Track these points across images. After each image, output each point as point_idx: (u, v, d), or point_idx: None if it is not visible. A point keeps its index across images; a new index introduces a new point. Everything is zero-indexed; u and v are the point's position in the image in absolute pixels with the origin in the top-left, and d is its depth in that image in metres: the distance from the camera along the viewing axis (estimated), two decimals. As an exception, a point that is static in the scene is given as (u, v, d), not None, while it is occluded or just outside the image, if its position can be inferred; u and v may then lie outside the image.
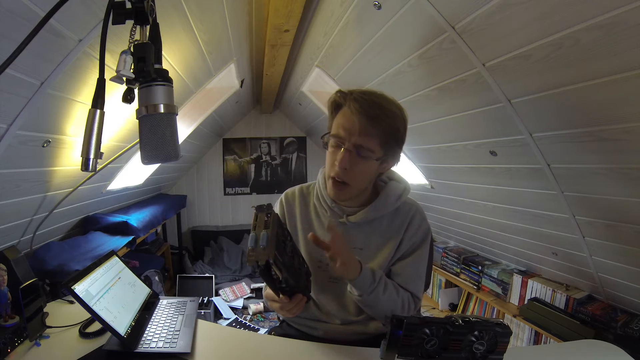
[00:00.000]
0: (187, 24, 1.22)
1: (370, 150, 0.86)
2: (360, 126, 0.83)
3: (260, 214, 0.74)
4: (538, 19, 0.83)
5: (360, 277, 0.84)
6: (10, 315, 0.94)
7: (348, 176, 0.87)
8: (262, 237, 0.69)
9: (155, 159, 0.64)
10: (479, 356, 0.76)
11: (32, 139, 1.06)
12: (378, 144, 0.86)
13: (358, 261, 0.85)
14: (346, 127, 0.86)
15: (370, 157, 0.87)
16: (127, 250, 2.02)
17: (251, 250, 0.70)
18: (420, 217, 0.99)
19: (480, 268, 2.33)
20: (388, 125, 0.85)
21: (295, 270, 0.80)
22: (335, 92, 0.91)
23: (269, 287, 0.80)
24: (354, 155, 0.86)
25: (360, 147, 0.85)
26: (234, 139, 4.00)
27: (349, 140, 0.85)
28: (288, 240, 0.82)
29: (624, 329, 1.49)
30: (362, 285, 0.86)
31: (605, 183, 1.13)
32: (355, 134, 0.84)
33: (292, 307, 0.84)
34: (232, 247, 3.66)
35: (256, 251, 0.69)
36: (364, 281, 0.86)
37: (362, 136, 0.84)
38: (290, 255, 0.79)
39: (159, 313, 1.06)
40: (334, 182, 0.90)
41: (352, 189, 0.91)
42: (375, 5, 1.14)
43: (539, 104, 1.06)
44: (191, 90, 1.84)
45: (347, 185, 0.89)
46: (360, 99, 0.84)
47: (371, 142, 0.85)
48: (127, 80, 0.61)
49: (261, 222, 0.73)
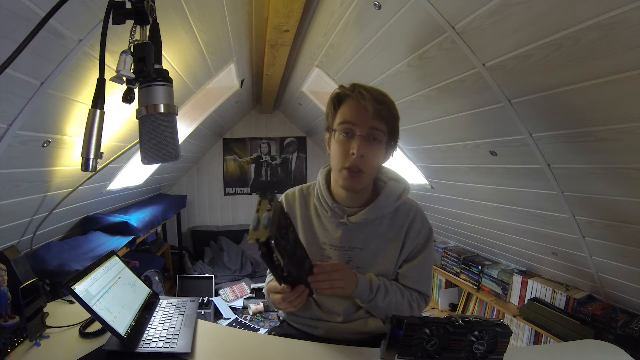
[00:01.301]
0: (187, 24, 1.22)
1: (383, 132, 0.90)
2: (374, 110, 0.86)
3: (263, 200, 0.74)
4: (538, 19, 0.82)
5: (357, 291, 0.89)
6: (10, 315, 0.94)
7: (364, 163, 0.89)
8: (264, 217, 0.69)
9: (155, 159, 0.64)
10: (479, 356, 0.76)
11: (32, 139, 1.06)
12: (386, 128, 0.90)
13: (355, 275, 0.89)
14: (358, 113, 0.88)
15: (382, 140, 0.90)
16: (127, 250, 2.02)
17: (253, 229, 0.69)
18: (421, 218, 0.99)
19: (480, 268, 2.33)
20: (393, 112, 0.91)
21: (297, 260, 0.80)
22: (337, 87, 0.95)
23: (271, 272, 0.79)
24: (370, 140, 0.89)
25: (374, 130, 0.88)
26: (234, 139, 4.00)
27: (363, 125, 0.88)
28: (291, 229, 0.81)
29: (624, 329, 1.49)
30: (360, 296, 0.91)
31: (605, 183, 1.13)
32: (369, 118, 0.87)
33: (294, 298, 0.82)
34: (232, 247, 3.66)
35: (258, 230, 0.69)
36: (362, 293, 0.90)
37: (376, 120, 0.88)
38: (292, 244, 0.79)
39: (159, 313, 1.06)
40: (350, 172, 0.89)
41: (367, 177, 0.92)
42: (375, 5, 1.14)
43: (539, 104, 1.06)
44: (191, 90, 1.84)
45: (362, 173, 0.90)
46: (364, 91, 0.88)
47: (383, 125, 0.89)
48: (127, 80, 0.61)
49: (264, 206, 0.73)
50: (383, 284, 0.92)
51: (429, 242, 0.99)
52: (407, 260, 0.98)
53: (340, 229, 0.97)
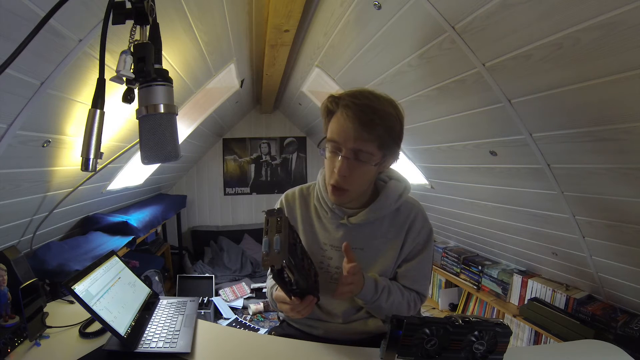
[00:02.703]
0: (187, 24, 1.22)
1: (369, 153, 0.84)
2: (355, 132, 0.81)
3: (271, 218, 0.74)
4: (538, 19, 0.83)
5: (362, 292, 0.89)
6: (10, 315, 0.94)
7: (347, 182, 0.87)
8: (276, 242, 0.69)
9: (155, 159, 0.64)
10: (479, 356, 0.76)
11: (32, 139, 1.06)
12: (376, 147, 0.84)
13: (362, 276, 0.89)
14: (341, 134, 0.84)
15: (369, 160, 0.85)
16: (127, 250, 2.02)
17: (265, 254, 0.70)
18: (422, 217, 0.99)
19: (480, 268, 2.33)
20: (384, 128, 0.83)
21: (306, 272, 0.81)
22: (327, 98, 0.90)
23: (282, 289, 0.80)
24: (352, 161, 0.85)
25: (358, 152, 0.84)
26: (234, 139, 4.00)
27: (346, 146, 0.83)
28: (298, 242, 0.82)
29: (624, 329, 1.49)
30: (364, 297, 0.90)
31: (605, 183, 1.13)
32: (350, 140, 0.83)
33: (303, 308, 0.84)
34: (232, 247, 3.66)
35: (270, 255, 0.69)
36: (367, 294, 0.90)
37: (359, 141, 0.82)
38: (300, 257, 0.80)
39: (159, 313, 1.06)
40: (334, 189, 0.89)
41: (352, 193, 0.91)
42: (375, 5, 1.14)
43: (539, 104, 1.06)
44: (191, 90, 1.84)
45: (346, 190, 0.89)
46: (351, 105, 0.82)
47: (368, 146, 0.83)
48: (127, 80, 0.61)
49: (273, 226, 0.72)
50: (387, 285, 0.92)
51: (429, 243, 0.99)
52: (407, 260, 0.98)
53: (341, 229, 0.97)
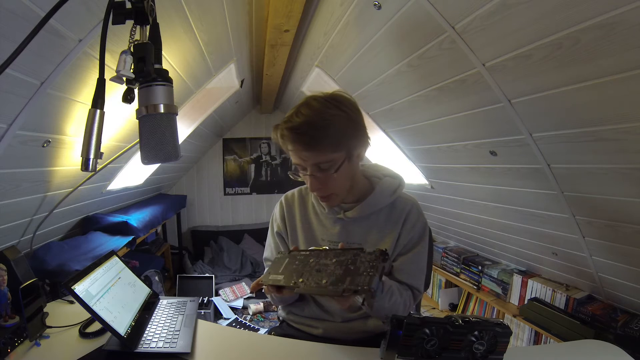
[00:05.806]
0: (187, 24, 1.22)
1: (329, 161, 0.84)
2: (305, 153, 0.84)
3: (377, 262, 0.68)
4: (538, 19, 0.83)
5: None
6: (10, 315, 0.94)
7: (328, 189, 0.90)
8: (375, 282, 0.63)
9: (155, 159, 0.64)
10: (479, 356, 0.76)
11: (32, 139, 1.06)
12: (332, 152, 0.83)
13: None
14: (295, 158, 0.87)
15: (334, 166, 0.85)
16: (127, 250, 2.02)
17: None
18: (416, 211, 0.99)
19: (480, 268, 2.33)
20: (329, 134, 0.81)
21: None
22: (273, 129, 0.90)
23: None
24: (320, 174, 0.86)
25: (319, 165, 0.85)
26: (234, 139, 3.99)
27: (306, 165, 0.86)
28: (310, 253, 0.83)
29: (624, 329, 1.49)
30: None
31: (605, 183, 1.13)
32: (305, 160, 0.85)
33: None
34: (232, 247, 3.66)
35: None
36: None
37: (312, 158, 0.84)
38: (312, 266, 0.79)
39: (159, 313, 1.06)
40: (321, 198, 0.94)
41: (340, 194, 0.93)
42: (375, 5, 1.14)
43: (539, 104, 1.06)
44: (191, 90, 1.84)
45: (330, 195, 0.92)
46: (287, 133, 0.83)
47: (324, 156, 0.83)
48: (127, 80, 0.61)
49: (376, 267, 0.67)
50: (391, 285, 0.91)
51: (424, 236, 0.99)
52: (402, 253, 0.98)
53: (338, 224, 0.98)
